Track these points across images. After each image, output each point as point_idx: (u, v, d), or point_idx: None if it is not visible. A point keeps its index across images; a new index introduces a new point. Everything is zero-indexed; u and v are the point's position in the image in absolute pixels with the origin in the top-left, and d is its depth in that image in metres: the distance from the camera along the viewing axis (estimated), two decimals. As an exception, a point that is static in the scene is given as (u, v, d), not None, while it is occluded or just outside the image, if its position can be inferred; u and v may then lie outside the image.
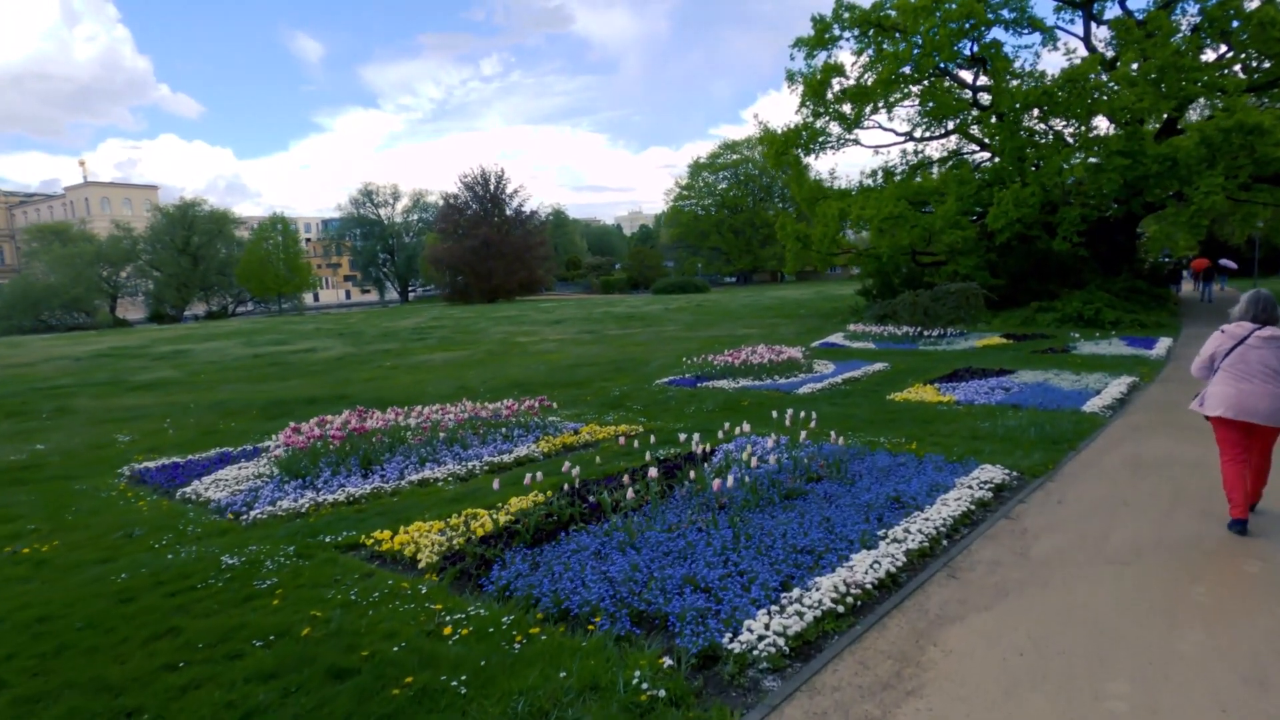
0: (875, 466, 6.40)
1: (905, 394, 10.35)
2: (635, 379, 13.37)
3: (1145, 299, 22.04)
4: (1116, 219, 23.79)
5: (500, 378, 14.83)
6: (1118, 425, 8.29)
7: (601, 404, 10.85)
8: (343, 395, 13.56)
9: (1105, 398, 9.53)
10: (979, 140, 25.48)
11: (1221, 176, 18.23)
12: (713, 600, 3.73)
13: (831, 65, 26.00)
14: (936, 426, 8.20)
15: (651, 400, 10.93)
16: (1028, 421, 8.17)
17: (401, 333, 29.45)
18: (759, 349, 13.57)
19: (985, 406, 9.30)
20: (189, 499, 6.51)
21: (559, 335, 25.90)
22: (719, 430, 6.96)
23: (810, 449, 6.80)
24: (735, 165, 77.96)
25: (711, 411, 9.68)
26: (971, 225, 23.39)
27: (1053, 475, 6.40)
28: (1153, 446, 7.28)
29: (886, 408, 9.47)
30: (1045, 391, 10.07)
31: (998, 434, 7.67)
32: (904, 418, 8.75)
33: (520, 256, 63.41)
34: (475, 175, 65.44)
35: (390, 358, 20.79)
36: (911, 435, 7.76)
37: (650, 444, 7.65)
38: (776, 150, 27.79)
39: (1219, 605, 3.87)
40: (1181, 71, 19.09)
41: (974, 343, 16.70)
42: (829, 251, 26.85)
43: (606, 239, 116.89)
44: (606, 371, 14.96)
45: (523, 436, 8.34)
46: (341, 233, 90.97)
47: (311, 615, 3.74)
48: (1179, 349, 15.20)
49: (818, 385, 11.38)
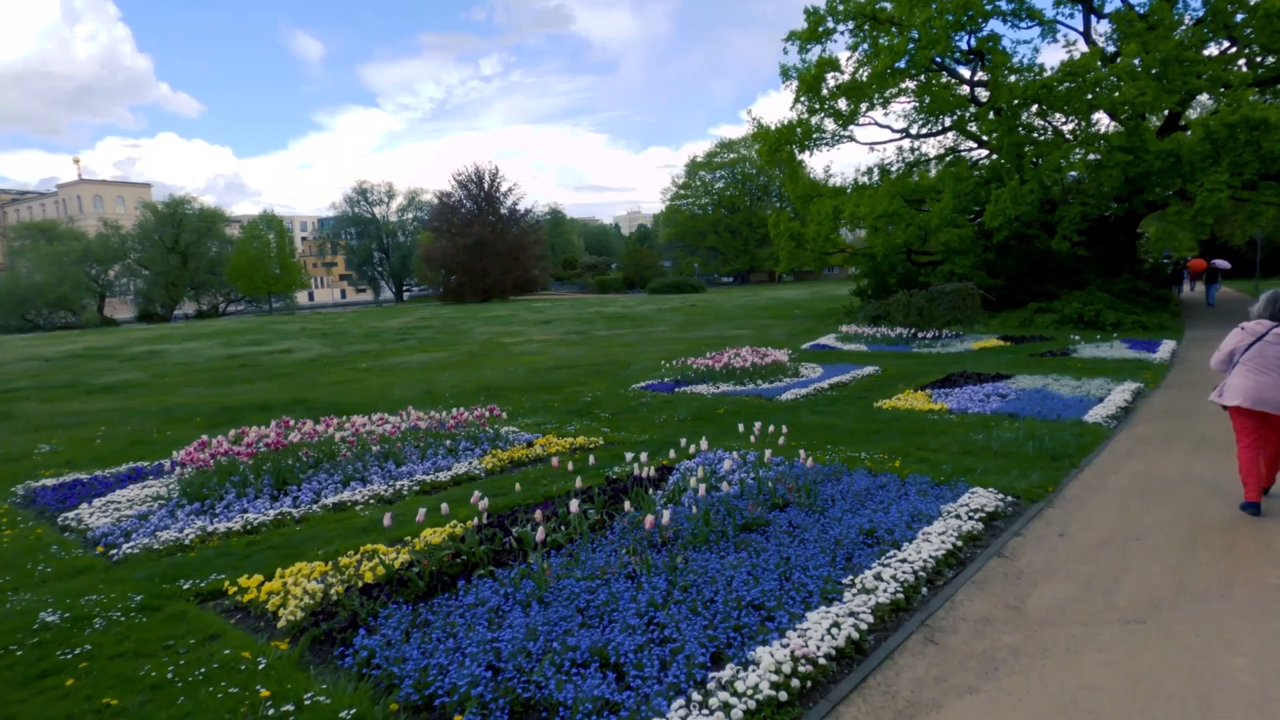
0: (851, 490, 5.60)
1: (894, 401, 9.56)
2: (612, 383, 12.57)
3: (1147, 300, 21.30)
4: (1117, 218, 23.01)
5: (473, 381, 14.04)
6: (1123, 438, 7.50)
7: (568, 411, 10.05)
8: (301, 400, 12.76)
9: (1109, 406, 8.74)
10: (976, 137, 24.68)
11: (1226, 173, 17.45)
12: (620, 684, 2.93)
13: (826, 60, 25.19)
14: (925, 439, 7.40)
15: (623, 407, 10.13)
16: (1025, 433, 7.38)
17: (386, 333, 28.66)
18: (743, 352, 12.78)
19: (979, 416, 8.51)
20: (69, 526, 5.71)
21: (545, 336, 25.12)
22: (691, 441, 6.17)
23: (780, 468, 6.01)
24: (733, 164, 77.12)
25: (683, 421, 8.88)
26: (968, 224, 22.60)
27: (1053, 500, 5.61)
28: (1164, 464, 6.49)
29: (873, 417, 8.67)
30: (1044, 399, 9.28)
31: (992, 448, 6.88)
32: (890, 428, 7.96)
33: (514, 256, 62.56)
34: (469, 173, 64.60)
35: (367, 359, 19.99)
36: (896, 450, 6.96)
37: (614, 457, 6.88)
38: (770, 147, 26.99)
39: (1264, 686, 3.08)
40: (1184, 65, 18.31)
41: (970, 345, 15.91)
42: (823, 250, 26.04)
43: (604, 239, 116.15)
44: (584, 375, 14.17)
45: (469, 450, 7.55)
46: (335, 231, 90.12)
47: (103, 705, 2.94)
48: (1183, 352, 14.41)
49: (802, 391, 10.59)
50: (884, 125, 27.18)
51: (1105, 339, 16.09)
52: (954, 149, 26.55)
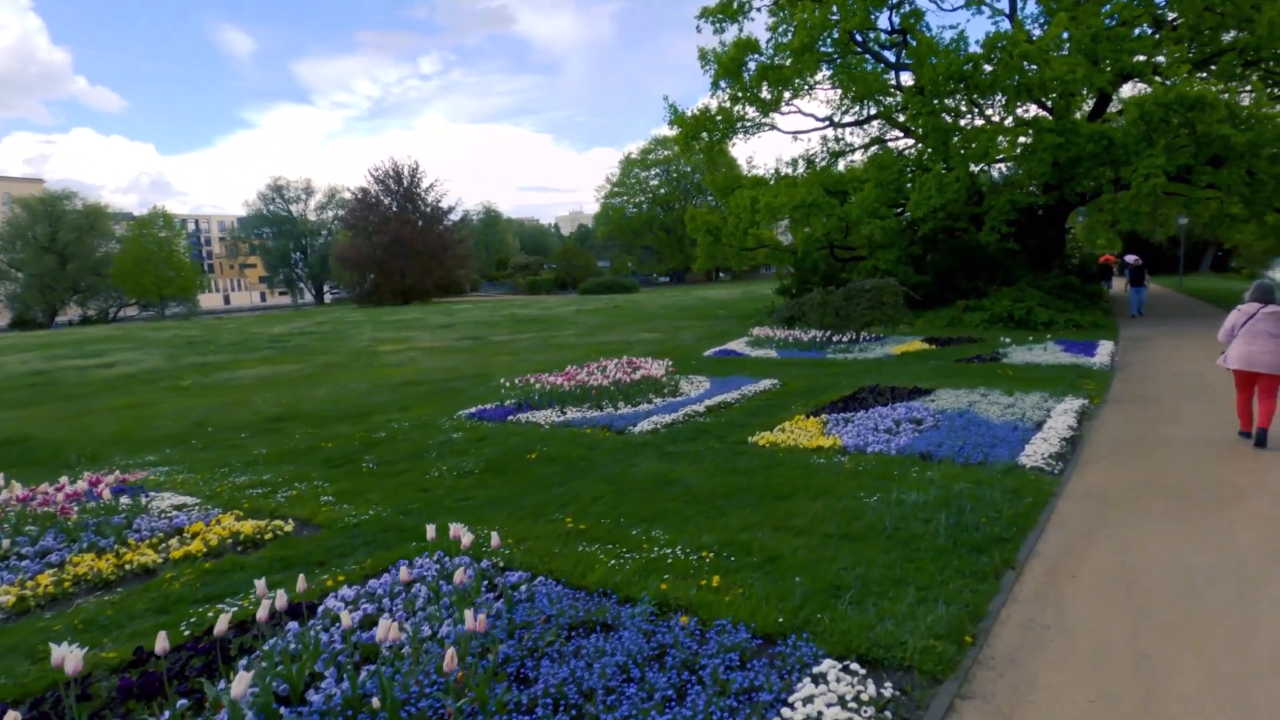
0: (598, 667, 3.06)
1: (776, 433, 7.22)
2: (441, 408, 9.89)
3: (1078, 297, 19.95)
4: (1047, 210, 21.63)
5: (287, 404, 11.16)
6: (1076, 494, 5.32)
7: (328, 459, 7.19)
8: (22, 438, 9.69)
9: (1050, 437, 6.61)
10: (903, 126, 22.95)
11: (1162, 157, 15.99)
12: None
13: (745, 41, 23.09)
14: (793, 507, 5.01)
15: (411, 451, 7.36)
16: (939, 494, 5.09)
17: (257, 340, 25.16)
18: (610, 365, 10.32)
19: (880, 458, 6.22)
20: None
21: (431, 343, 22.20)
22: (454, 517, 3.58)
23: (488, 598, 3.49)
24: (667, 162, 75.06)
25: (469, 475, 6.26)
26: (893, 215, 20.82)
27: (972, 675, 3.08)
28: (1146, 551, 4.27)
29: (734, 463, 6.24)
30: (968, 427, 7.10)
31: (883, 528, 4.51)
32: (750, 486, 5.53)
33: (436, 256, 58.86)
34: (387, 169, 60.52)
35: (198, 375, 16.74)
36: (730, 541, 4.44)
37: (289, 558, 4.26)
38: (686, 134, 24.76)
39: None
40: (1114, 41, 16.83)
41: (891, 349, 13.88)
42: (742, 245, 23.93)
43: (542, 239, 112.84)
44: (423, 395, 11.43)
45: (61, 548, 4.78)
46: (247, 231, 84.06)
47: None
48: (1124, 355, 12.68)
49: (666, 418, 8.16)
50: (808, 114, 25.40)
51: (1038, 340, 14.32)
52: (880, 139, 24.82)
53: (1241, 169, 16.71)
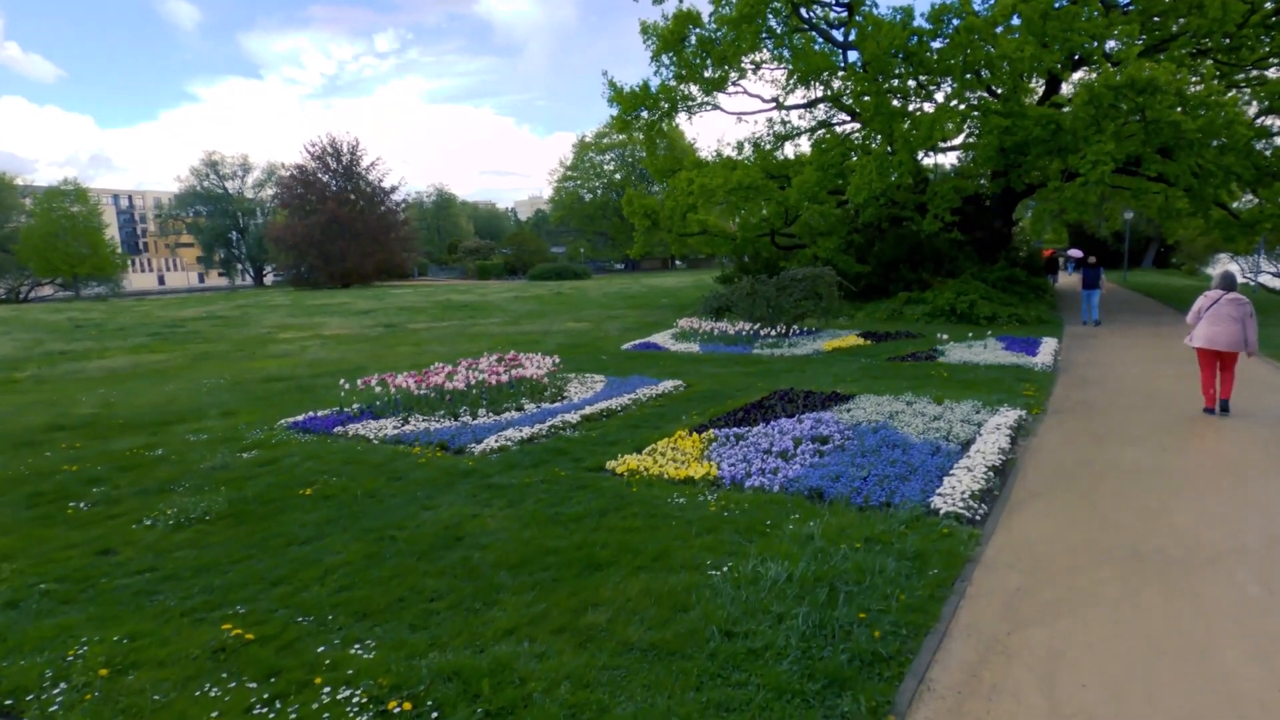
0: None
1: (645, 455, 5.77)
2: (269, 413, 8.16)
3: (1023, 290, 19.09)
4: (994, 200, 20.70)
5: (98, 408, 9.26)
6: (998, 564, 3.96)
7: (43, 491, 5.40)
8: None
9: (975, 464, 5.32)
10: (850, 110, 21.70)
11: (1111, 143, 15.03)
12: None
13: (686, 13, 21.45)
14: (599, 589, 3.46)
15: (166, 479, 5.54)
16: (812, 565, 3.62)
17: (148, 326, 22.74)
18: (482, 363, 8.75)
19: (758, 497, 4.80)
20: None
21: (338, 330, 20.24)
22: None
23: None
24: (622, 146, 72.98)
25: (193, 524, 4.57)
26: (834, 201, 19.58)
27: None
28: (1088, 669, 2.91)
29: (566, 506, 4.62)
30: (881, 449, 5.77)
31: (710, 636, 3.04)
32: (557, 553, 3.89)
33: (377, 238, 55.93)
34: (325, 144, 57.15)
35: (45, 365, 14.56)
36: (466, 667, 2.83)
37: None
38: (625, 111, 23.08)
39: None
40: (1064, 21, 15.79)
41: (822, 344, 12.61)
42: (680, 231, 22.45)
43: (496, 223, 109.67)
44: (262, 397, 9.60)
45: None
46: (180, 209, 79.06)
47: None
48: (1069, 355, 11.63)
49: (526, 431, 6.64)
50: (754, 95, 23.96)
51: (979, 336, 13.23)
52: (826, 123, 23.55)
53: (1191, 159, 15.90)
